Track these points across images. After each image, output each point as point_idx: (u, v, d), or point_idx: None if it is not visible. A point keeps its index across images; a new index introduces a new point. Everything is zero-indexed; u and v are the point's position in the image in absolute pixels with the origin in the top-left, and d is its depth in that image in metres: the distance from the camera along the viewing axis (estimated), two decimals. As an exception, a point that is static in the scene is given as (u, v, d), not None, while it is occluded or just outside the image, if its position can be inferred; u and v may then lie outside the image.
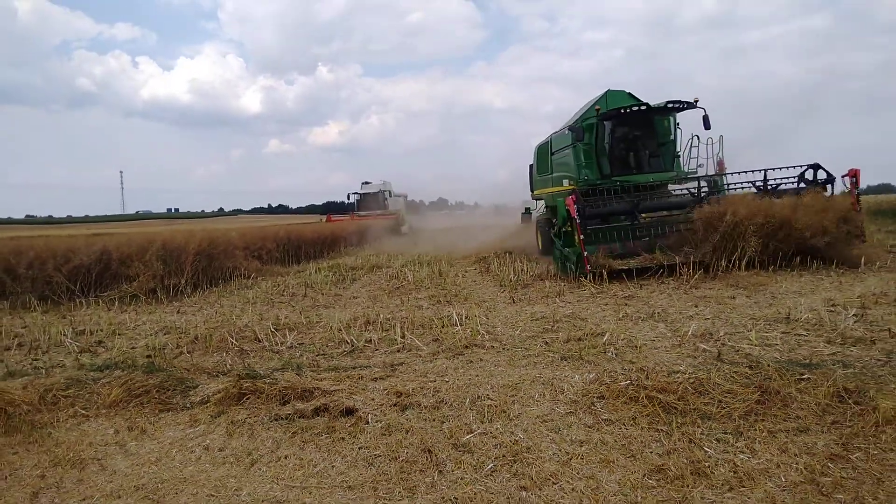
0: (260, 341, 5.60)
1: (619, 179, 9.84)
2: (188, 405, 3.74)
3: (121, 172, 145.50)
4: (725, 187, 9.43)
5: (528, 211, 17.31)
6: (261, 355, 5.14)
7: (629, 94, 11.32)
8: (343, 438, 3.20)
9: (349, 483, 2.73)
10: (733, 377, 3.57)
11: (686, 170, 10.40)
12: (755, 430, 2.97)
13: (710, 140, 10.14)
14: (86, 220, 75.19)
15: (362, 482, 2.72)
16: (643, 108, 9.94)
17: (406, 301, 7.70)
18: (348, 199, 29.05)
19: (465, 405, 3.53)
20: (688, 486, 2.49)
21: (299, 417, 3.48)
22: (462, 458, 2.87)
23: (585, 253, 8.10)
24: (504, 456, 2.88)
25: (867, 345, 4.38)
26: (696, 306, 6.17)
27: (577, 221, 8.13)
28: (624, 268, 8.10)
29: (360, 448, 3.07)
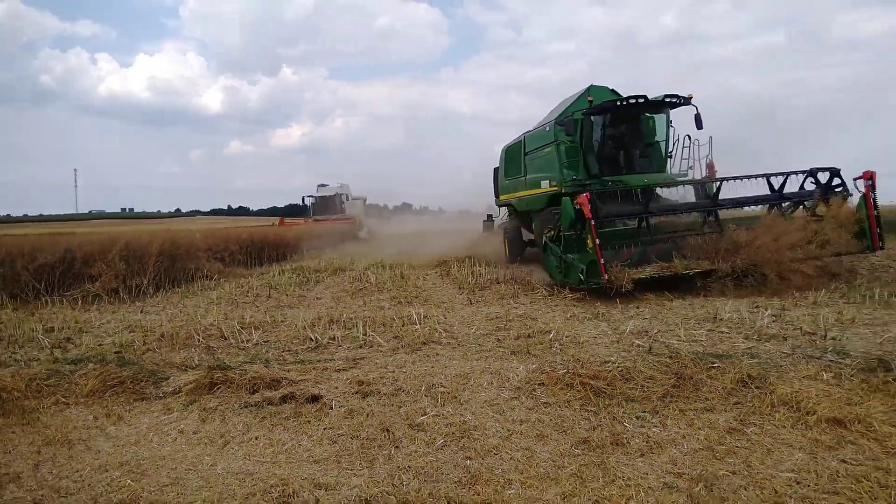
0: (226, 338, 5.82)
1: (610, 179, 9.25)
2: (161, 395, 3.99)
3: (75, 170, 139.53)
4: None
5: (490, 218, 16.59)
6: (227, 351, 5.38)
7: (612, 90, 10.54)
8: (309, 421, 3.52)
9: (315, 458, 3.06)
10: (655, 366, 4.07)
11: (677, 171, 9.76)
12: (669, 409, 3.45)
13: (697, 141, 9.52)
14: (40, 218, 71.89)
15: (327, 457, 3.06)
16: (640, 101, 9.10)
17: (368, 302, 8.02)
18: (303, 202, 27.60)
19: (420, 392, 3.90)
20: (607, 453, 2.94)
21: (268, 404, 3.78)
22: (416, 436, 3.24)
23: (602, 260, 7.01)
24: (454, 433, 3.26)
25: (779, 340, 4.97)
26: (636, 308, 6.71)
27: (592, 223, 7.06)
28: (644, 276, 7.19)
29: (324, 429, 3.40)
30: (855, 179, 7.95)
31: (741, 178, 8.06)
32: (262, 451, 3.15)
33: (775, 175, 8.22)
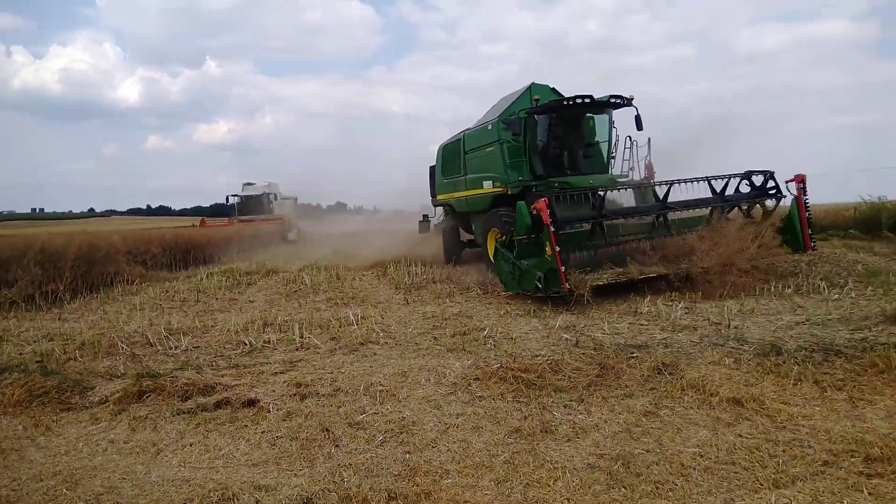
0: (152, 345, 5.61)
1: (557, 181, 9.03)
2: (87, 405, 3.84)
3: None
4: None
5: (426, 218, 15.49)
6: (155, 359, 5.19)
7: (552, 88, 10.40)
8: (246, 426, 3.51)
9: (254, 461, 3.06)
10: (581, 358, 4.36)
11: (618, 172, 9.77)
12: (593, 396, 3.73)
13: (636, 142, 9.63)
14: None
15: (266, 459, 3.07)
16: (587, 101, 9.02)
17: (304, 304, 7.93)
18: (227, 201, 25.50)
19: (359, 391, 3.97)
20: (537, 440, 3.15)
21: (202, 411, 3.71)
22: (356, 434, 3.32)
23: (563, 268, 6.72)
24: (392, 430, 3.36)
25: (690, 331, 5.42)
26: (565, 305, 7.07)
27: (552, 230, 6.78)
28: (601, 283, 7.01)
29: (262, 432, 3.40)
30: (787, 182, 8.25)
31: (687, 181, 8.13)
32: (198, 458, 3.11)
33: (716, 178, 8.45)
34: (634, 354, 4.40)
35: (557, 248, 6.77)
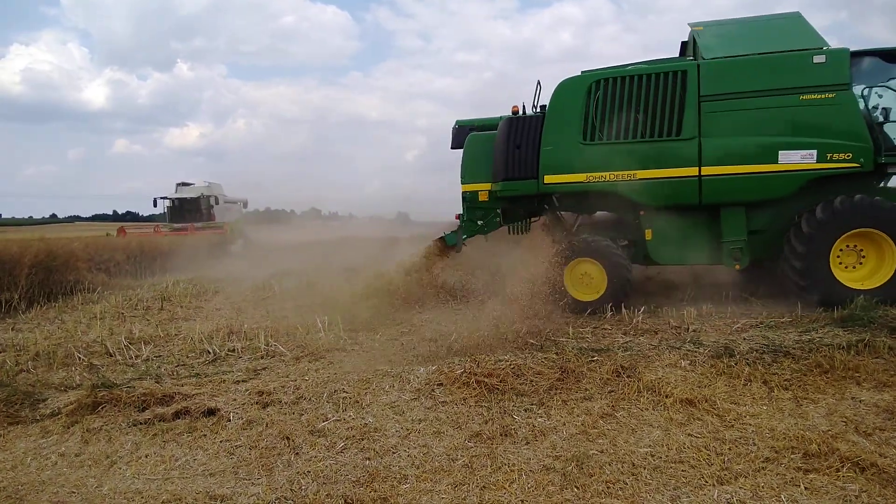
0: (112, 355, 5.48)
1: None
2: (38, 417, 3.74)
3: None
4: None
5: (472, 223, 8.14)
6: (114, 369, 5.07)
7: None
8: (205, 435, 3.47)
9: (210, 471, 3.03)
10: (544, 362, 4.44)
11: None
12: (553, 400, 3.80)
13: None
14: None
15: (223, 469, 3.05)
16: None
17: (271, 311, 7.84)
18: (154, 205, 21.06)
19: (322, 399, 3.96)
20: (496, 443, 3.20)
21: (159, 421, 3.65)
22: (317, 441, 3.32)
23: None
24: (354, 436, 3.37)
25: (651, 334, 5.57)
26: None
27: None
28: None
29: (221, 442, 3.37)
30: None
31: None
32: (153, 469, 3.07)
33: None
34: (595, 358, 4.50)
35: None
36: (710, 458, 2.88)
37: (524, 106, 7.62)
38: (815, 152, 6.33)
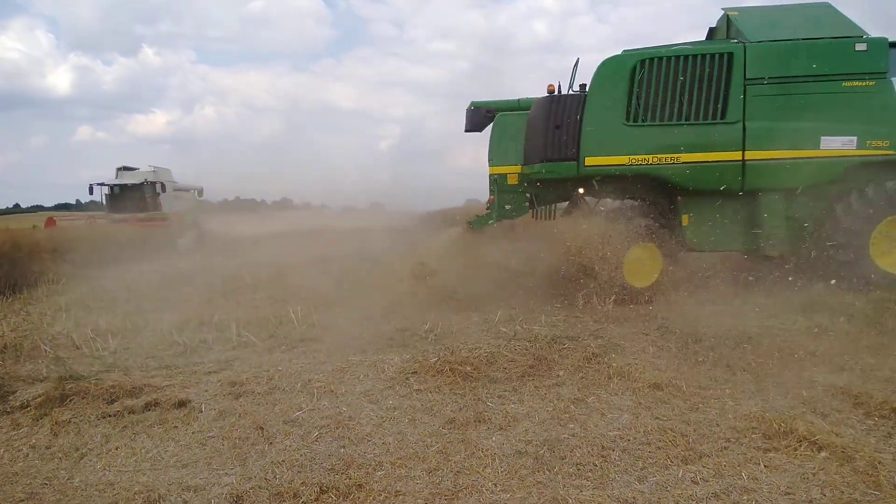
0: (79, 348, 5.34)
1: None
2: (8, 410, 3.68)
3: None
4: None
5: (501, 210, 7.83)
6: (81, 361, 4.94)
7: None
8: (176, 427, 3.43)
9: (183, 462, 3.00)
10: (517, 349, 4.51)
11: None
12: (526, 386, 3.88)
13: None
14: None
15: (196, 460, 3.02)
16: None
17: (242, 301, 7.74)
18: (91, 192, 18.12)
19: (296, 389, 3.95)
20: (470, 430, 3.25)
21: (129, 413, 3.59)
22: (291, 431, 3.31)
23: None
24: (328, 425, 3.38)
25: (621, 323, 5.70)
26: (506, 299, 7.22)
27: None
28: None
29: (193, 433, 3.34)
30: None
31: None
32: (124, 461, 3.02)
33: None
34: (567, 346, 4.59)
35: None
36: (676, 439, 2.98)
37: (559, 85, 7.20)
38: (855, 139, 6.33)
